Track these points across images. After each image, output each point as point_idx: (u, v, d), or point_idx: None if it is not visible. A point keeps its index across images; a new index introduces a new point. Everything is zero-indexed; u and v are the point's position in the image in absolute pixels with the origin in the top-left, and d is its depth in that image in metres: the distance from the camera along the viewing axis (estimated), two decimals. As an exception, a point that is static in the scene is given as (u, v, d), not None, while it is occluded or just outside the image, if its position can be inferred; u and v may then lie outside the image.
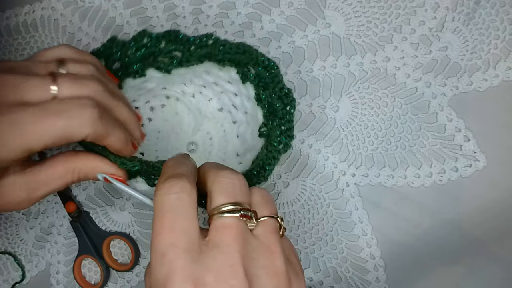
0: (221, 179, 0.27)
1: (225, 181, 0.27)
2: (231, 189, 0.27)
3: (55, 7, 0.45)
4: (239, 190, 0.27)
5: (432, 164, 0.42)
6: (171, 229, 0.25)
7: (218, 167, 0.29)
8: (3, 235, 0.45)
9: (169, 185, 0.26)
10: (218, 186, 0.27)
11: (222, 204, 0.27)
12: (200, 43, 0.38)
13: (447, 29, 0.43)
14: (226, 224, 0.26)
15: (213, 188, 0.27)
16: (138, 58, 0.38)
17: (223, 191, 0.27)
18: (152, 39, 0.38)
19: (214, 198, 0.27)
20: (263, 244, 0.27)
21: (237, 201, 0.27)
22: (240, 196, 0.27)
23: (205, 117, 0.43)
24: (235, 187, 0.27)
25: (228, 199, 0.27)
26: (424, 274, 0.42)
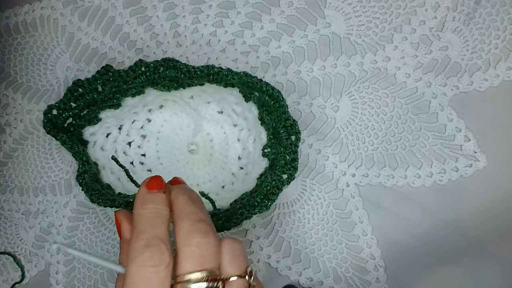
0: (191, 245, 0.26)
1: (195, 245, 0.26)
2: (200, 256, 0.26)
3: (54, 7, 0.45)
4: (208, 256, 0.26)
5: (433, 164, 0.42)
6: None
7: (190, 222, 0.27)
8: (2, 235, 0.45)
9: (148, 255, 0.25)
10: (187, 251, 0.26)
11: (189, 272, 0.25)
12: (201, 73, 0.38)
13: (448, 29, 0.43)
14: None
15: (180, 252, 0.26)
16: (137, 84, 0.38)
17: (190, 257, 0.26)
18: (150, 68, 0.38)
19: (181, 264, 0.26)
20: None
21: (204, 268, 0.26)
22: (209, 262, 0.26)
23: (204, 119, 0.42)
24: (204, 253, 0.26)
25: (196, 266, 0.26)
26: (424, 274, 0.42)
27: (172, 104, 0.42)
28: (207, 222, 0.27)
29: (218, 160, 0.42)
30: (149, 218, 0.27)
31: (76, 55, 0.45)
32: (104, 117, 0.40)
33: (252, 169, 0.41)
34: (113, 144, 0.42)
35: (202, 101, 0.42)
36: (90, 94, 0.38)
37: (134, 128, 0.42)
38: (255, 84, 0.38)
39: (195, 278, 0.25)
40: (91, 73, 0.43)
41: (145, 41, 0.45)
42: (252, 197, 0.38)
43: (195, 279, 0.25)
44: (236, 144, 0.42)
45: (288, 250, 0.43)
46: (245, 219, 0.37)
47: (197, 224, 0.27)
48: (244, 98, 0.39)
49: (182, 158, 0.43)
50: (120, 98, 0.39)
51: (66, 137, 0.38)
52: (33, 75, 0.45)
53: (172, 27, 0.45)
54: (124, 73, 0.38)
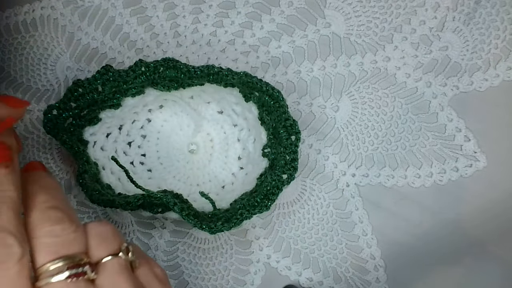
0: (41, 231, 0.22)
1: (45, 234, 0.22)
2: (52, 244, 0.22)
3: (54, 7, 0.45)
4: (64, 242, 0.22)
5: (433, 164, 0.42)
6: None
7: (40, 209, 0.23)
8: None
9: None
10: (37, 243, 0.22)
11: (44, 264, 0.22)
12: (201, 73, 0.38)
13: (448, 29, 0.43)
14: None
15: (32, 243, 0.22)
16: (137, 84, 0.38)
17: (43, 248, 0.22)
18: (150, 68, 0.38)
19: (34, 258, 0.22)
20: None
21: (61, 255, 0.22)
22: (66, 248, 0.22)
23: (204, 119, 0.42)
24: (57, 240, 0.22)
25: (50, 255, 0.22)
26: (425, 274, 0.42)
27: (172, 104, 0.42)
28: (61, 209, 0.24)
29: (218, 160, 0.42)
30: None
31: (76, 55, 0.45)
32: (104, 117, 0.40)
33: (252, 169, 0.41)
34: (113, 144, 0.42)
35: (202, 101, 0.42)
36: (90, 94, 0.38)
37: (134, 128, 0.42)
38: (255, 84, 0.38)
39: (54, 268, 0.22)
40: (91, 73, 0.43)
41: (145, 41, 0.45)
42: (252, 197, 0.38)
43: (53, 269, 0.22)
44: (236, 144, 0.42)
45: (288, 250, 0.43)
46: (245, 219, 0.37)
47: (47, 212, 0.23)
48: (244, 98, 0.39)
49: (182, 158, 0.43)
50: (120, 98, 0.39)
51: (66, 137, 0.38)
52: (33, 75, 0.45)
53: (172, 27, 0.45)
54: (124, 73, 0.38)
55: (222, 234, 0.43)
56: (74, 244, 0.23)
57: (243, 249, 0.43)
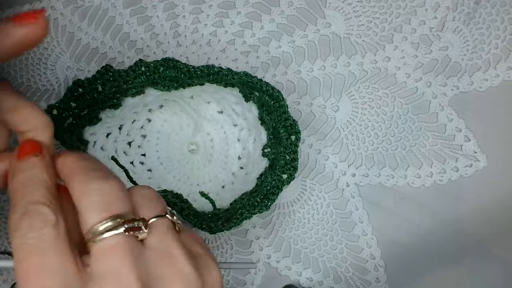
0: (89, 191, 0.22)
1: (94, 193, 0.22)
2: (104, 201, 0.22)
3: (54, 7, 0.45)
4: (114, 199, 0.22)
5: (433, 164, 0.42)
6: (38, 273, 0.21)
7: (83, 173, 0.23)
8: (2, 235, 0.45)
9: (26, 225, 0.21)
10: (87, 201, 0.22)
11: (97, 222, 0.22)
12: (201, 73, 0.38)
13: (448, 29, 0.43)
14: (108, 247, 0.21)
15: (81, 205, 0.22)
16: (137, 84, 0.38)
17: (94, 206, 0.22)
18: (150, 68, 0.38)
19: (85, 218, 0.22)
20: (159, 252, 0.23)
21: (115, 213, 0.22)
22: (118, 205, 0.22)
23: (204, 119, 0.42)
24: (108, 196, 0.22)
25: (103, 214, 0.22)
26: (425, 274, 0.42)
27: (172, 104, 0.42)
28: (103, 170, 0.24)
29: (218, 160, 0.42)
30: (22, 186, 0.23)
31: (76, 55, 0.45)
32: (104, 117, 0.40)
33: (252, 169, 0.41)
34: (113, 144, 0.42)
35: (202, 101, 0.42)
36: (90, 94, 0.38)
37: (134, 128, 0.42)
38: (255, 84, 0.38)
39: (107, 226, 0.21)
40: (91, 73, 0.43)
41: (145, 41, 0.45)
42: (252, 197, 0.38)
43: (107, 227, 0.21)
44: (236, 144, 0.42)
45: (288, 250, 0.43)
46: (245, 219, 0.37)
47: (91, 173, 0.23)
48: (244, 98, 0.39)
49: (182, 158, 0.43)
50: (120, 98, 0.39)
51: (66, 137, 0.38)
52: (33, 75, 0.45)
53: (172, 27, 0.45)
54: (124, 73, 0.38)
55: (222, 234, 0.43)
56: (124, 202, 0.23)
57: (243, 249, 0.43)
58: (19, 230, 0.22)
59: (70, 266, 0.21)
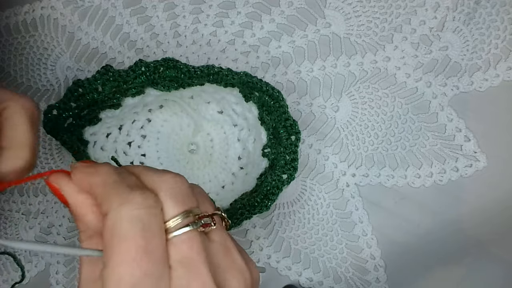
0: (166, 185, 0.23)
1: (172, 186, 0.23)
2: (181, 195, 0.23)
3: (54, 7, 0.45)
4: (188, 194, 0.23)
5: (433, 164, 0.42)
6: (146, 255, 0.21)
7: (157, 171, 0.24)
8: (2, 235, 0.45)
9: (140, 198, 0.21)
10: (164, 194, 0.23)
11: (176, 215, 0.22)
12: (201, 73, 0.38)
13: (448, 29, 0.43)
14: (187, 240, 0.22)
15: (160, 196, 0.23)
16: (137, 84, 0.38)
17: (172, 199, 0.23)
18: (150, 68, 0.38)
19: (165, 208, 0.23)
20: (220, 245, 0.24)
21: (189, 208, 0.23)
22: (191, 200, 0.23)
23: (204, 119, 0.42)
24: (183, 191, 0.23)
25: (181, 207, 0.23)
26: (425, 274, 0.42)
27: (172, 104, 0.42)
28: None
29: (218, 160, 0.42)
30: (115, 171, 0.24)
31: (76, 55, 0.45)
32: (104, 117, 0.40)
33: (252, 169, 0.41)
34: (113, 144, 0.42)
35: (202, 101, 0.42)
36: (90, 94, 0.38)
37: (134, 128, 0.42)
38: (255, 84, 0.38)
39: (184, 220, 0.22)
40: (91, 73, 0.43)
41: (145, 41, 0.45)
42: (252, 197, 0.38)
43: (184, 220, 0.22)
44: (236, 144, 0.42)
45: (288, 250, 0.43)
46: (245, 219, 0.37)
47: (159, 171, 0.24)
48: (244, 98, 0.39)
49: (182, 158, 0.43)
50: (120, 98, 0.39)
51: (66, 137, 0.38)
52: (33, 75, 0.45)
53: (172, 27, 0.45)
54: (124, 73, 0.38)
55: (222, 234, 0.43)
56: (193, 197, 0.24)
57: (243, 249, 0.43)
58: (131, 203, 0.21)
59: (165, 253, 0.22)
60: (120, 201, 0.21)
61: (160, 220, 0.22)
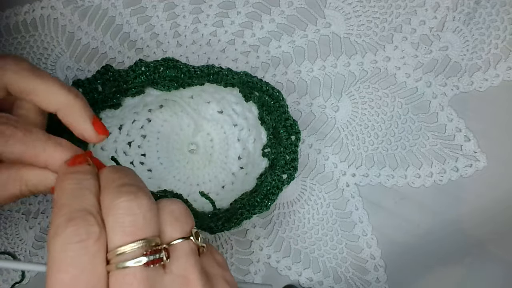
0: (116, 209, 0.22)
1: (121, 212, 0.22)
2: (131, 223, 0.22)
3: (54, 6, 0.45)
4: (142, 222, 0.22)
5: (433, 164, 0.42)
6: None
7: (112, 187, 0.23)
8: (2, 235, 0.45)
9: (71, 230, 0.21)
10: (113, 220, 0.22)
11: (121, 245, 0.21)
12: (201, 73, 0.38)
13: (448, 29, 0.43)
14: (130, 274, 0.21)
15: (107, 223, 0.22)
16: (137, 84, 0.38)
17: (119, 227, 0.21)
18: (150, 67, 0.38)
19: (110, 237, 0.21)
20: (177, 278, 0.22)
21: (139, 238, 0.21)
22: (144, 229, 0.22)
23: (204, 119, 0.42)
24: (135, 218, 0.22)
25: (127, 237, 0.21)
26: (425, 274, 0.42)
27: (172, 104, 0.42)
28: (135, 185, 0.23)
29: (218, 160, 0.42)
30: (71, 190, 0.23)
31: (76, 55, 0.45)
32: (104, 117, 0.40)
33: (252, 169, 0.41)
34: (113, 144, 0.42)
35: (202, 101, 0.42)
36: (90, 94, 0.38)
37: (134, 128, 0.42)
38: (255, 84, 0.38)
39: (130, 251, 0.21)
40: (91, 73, 0.43)
41: (145, 41, 0.45)
42: (252, 197, 0.38)
43: (129, 252, 0.21)
44: (236, 144, 0.42)
45: (288, 250, 0.43)
46: (245, 219, 0.37)
47: (122, 188, 0.23)
48: (244, 98, 0.39)
49: (182, 158, 0.43)
50: (120, 98, 0.39)
51: (66, 137, 0.38)
52: (33, 75, 0.45)
53: (172, 27, 0.45)
54: (124, 73, 0.38)
55: (222, 234, 0.43)
56: (150, 224, 0.22)
57: (243, 249, 0.43)
58: (62, 236, 0.21)
59: (102, 284, 0.21)
60: (54, 231, 0.21)
61: (93, 254, 0.21)
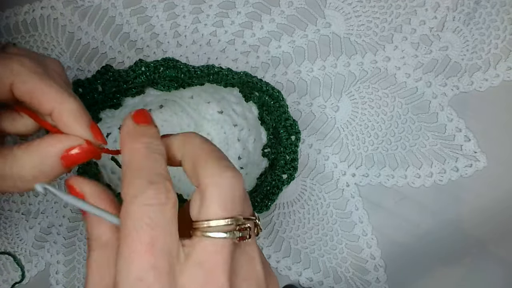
0: (223, 183, 0.22)
1: (226, 188, 0.22)
2: (232, 200, 0.22)
3: (54, 6, 0.45)
4: (237, 199, 0.22)
5: (433, 164, 0.42)
6: (152, 249, 0.21)
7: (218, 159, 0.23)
8: (2, 235, 0.45)
9: (152, 193, 0.21)
10: (217, 192, 0.22)
11: (216, 218, 0.22)
12: (201, 73, 0.38)
13: (448, 29, 0.43)
14: (218, 245, 0.22)
15: (209, 192, 0.22)
16: (137, 84, 0.38)
17: (222, 201, 0.22)
18: (150, 67, 0.38)
19: (210, 207, 0.22)
20: (245, 253, 0.23)
21: (234, 215, 0.22)
22: (238, 207, 0.23)
23: (204, 119, 0.42)
24: (235, 196, 0.22)
25: (224, 213, 0.22)
26: (424, 274, 0.42)
27: (172, 104, 0.42)
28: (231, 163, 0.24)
29: (218, 160, 0.42)
30: (145, 152, 0.23)
31: (76, 55, 0.45)
32: (104, 117, 0.40)
33: (252, 169, 0.41)
34: (113, 144, 0.42)
35: (202, 101, 0.42)
36: (90, 94, 0.38)
37: (134, 128, 0.42)
38: (255, 84, 0.38)
39: (224, 225, 0.22)
40: (91, 73, 0.43)
41: (145, 41, 0.45)
42: (252, 197, 0.38)
43: (224, 225, 0.22)
44: (236, 144, 0.42)
45: (288, 250, 0.43)
46: (245, 219, 0.37)
47: (224, 162, 0.23)
48: (244, 98, 0.39)
49: (182, 158, 0.43)
50: (120, 98, 0.39)
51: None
52: (33, 75, 0.45)
53: (172, 27, 0.45)
54: (124, 73, 0.38)
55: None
56: (242, 204, 0.23)
57: (243, 249, 0.43)
58: (143, 197, 0.21)
59: (177, 247, 0.22)
60: (134, 192, 0.21)
61: (170, 218, 0.22)
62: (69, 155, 0.26)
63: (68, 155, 0.26)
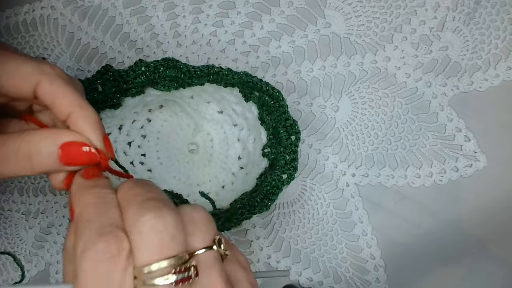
0: (141, 226, 0.21)
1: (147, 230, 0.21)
2: (158, 241, 0.21)
3: (54, 6, 0.45)
4: (168, 240, 0.21)
5: (433, 164, 0.42)
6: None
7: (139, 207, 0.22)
8: (2, 235, 0.45)
9: (102, 246, 0.20)
10: (139, 237, 0.21)
11: (148, 264, 0.21)
12: (201, 73, 0.38)
13: (448, 29, 0.43)
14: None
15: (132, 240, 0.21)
16: (137, 84, 0.38)
17: (146, 246, 0.21)
18: (150, 67, 0.38)
19: (136, 255, 0.21)
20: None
21: (167, 256, 0.21)
22: (172, 247, 0.21)
23: (204, 119, 0.42)
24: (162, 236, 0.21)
25: (155, 255, 0.21)
26: (425, 274, 0.42)
27: (172, 104, 0.42)
28: (157, 199, 0.23)
29: (218, 160, 0.42)
30: (95, 204, 0.23)
31: (76, 55, 0.45)
32: (104, 117, 0.40)
33: (252, 169, 0.41)
34: (113, 144, 0.42)
35: (202, 101, 0.42)
36: (90, 94, 0.38)
37: (134, 128, 0.42)
38: (255, 84, 0.38)
39: (157, 270, 0.21)
40: (91, 73, 0.43)
41: (145, 41, 0.45)
42: (252, 197, 0.38)
43: (157, 271, 0.20)
44: (236, 144, 0.42)
45: (288, 250, 0.43)
46: (245, 219, 0.37)
47: (146, 204, 0.22)
48: (244, 98, 0.39)
49: (182, 158, 0.43)
50: (120, 98, 0.39)
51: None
52: (33, 75, 0.45)
53: (172, 27, 0.45)
54: (124, 73, 0.38)
55: (222, 234, 0.43)
56: (177, 241, 0.21)
57: (243, 249, 0.43)
58: (92, 251, 0.20)
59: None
60: (83, 247, 0.21)
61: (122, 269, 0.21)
62: (68, 147, 0.26)
63: (68, 147, 0.26)
